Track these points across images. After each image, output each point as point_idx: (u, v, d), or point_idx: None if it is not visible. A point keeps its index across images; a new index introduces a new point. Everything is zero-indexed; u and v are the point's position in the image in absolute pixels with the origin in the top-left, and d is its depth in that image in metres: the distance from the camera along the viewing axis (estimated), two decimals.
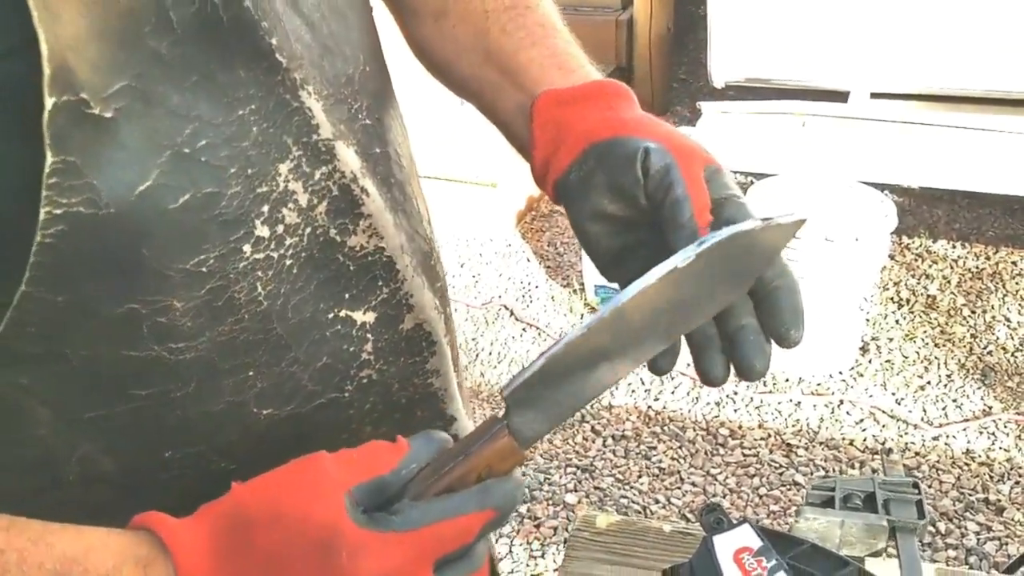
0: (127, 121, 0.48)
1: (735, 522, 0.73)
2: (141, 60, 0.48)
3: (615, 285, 0.57)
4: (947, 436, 2.44)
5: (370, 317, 0.66)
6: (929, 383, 2.64)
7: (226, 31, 0.52)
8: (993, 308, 2.94)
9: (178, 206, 0.51)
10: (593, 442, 2.49)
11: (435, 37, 0.76)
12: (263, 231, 0.56)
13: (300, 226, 0.59)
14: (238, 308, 0.57)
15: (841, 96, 3.13)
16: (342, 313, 0.64)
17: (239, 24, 0.52)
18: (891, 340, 2.81)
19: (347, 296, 0.64)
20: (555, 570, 2.12)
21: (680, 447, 2.45)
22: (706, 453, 2.43)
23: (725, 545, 0.71)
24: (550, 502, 2.31)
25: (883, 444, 2.42)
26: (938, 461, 2.36)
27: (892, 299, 3.01)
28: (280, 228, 0.57)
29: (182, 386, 0.57)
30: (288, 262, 0.59)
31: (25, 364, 0.51)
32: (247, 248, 0.56)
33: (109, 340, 0.53)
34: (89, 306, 0.51)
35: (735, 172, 3.46)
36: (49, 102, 0.45)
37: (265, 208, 0.56)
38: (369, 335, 0.66)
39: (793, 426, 2.50)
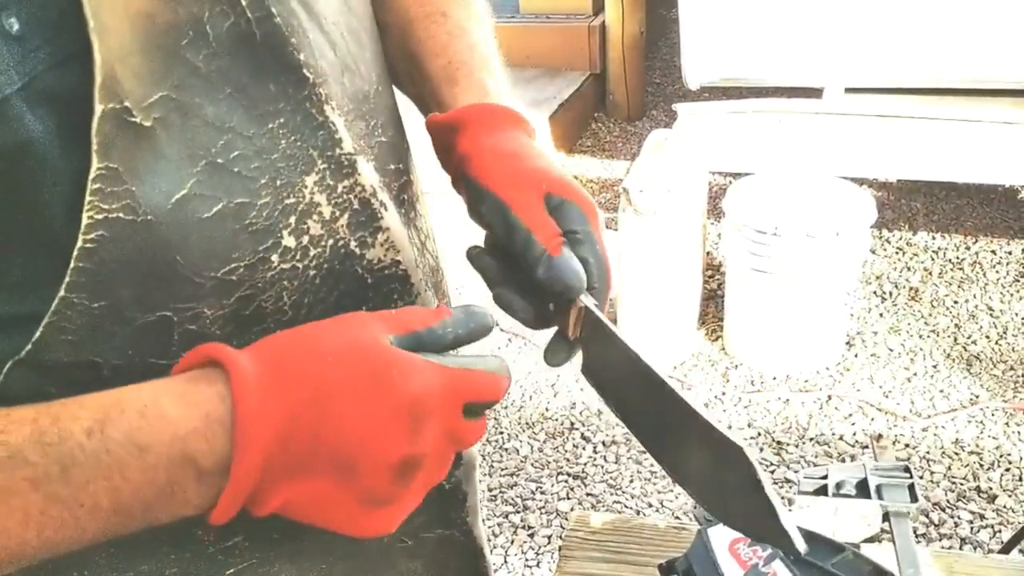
0: (165, 131, 0.50)
1: None
2: (179, 72, 0.50)
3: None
4: (936, 427, 2.45)
5: None
6: (916, 374, 2.64)
7: (258, 46, 0.54)
8: (975, 297, 2.96)
9: (211, 215, 0.53)
10: (584, 449, 2.48)
11: (387, 49, 0.78)
12: (290, 241, 0.58)
13: (324, 237, 0.60)
14: (264, 317, 0.58)
15: (816, 92, 3.14)
16: None
17: (270, 40, 0.55)
18: (876, 333, 2.82)
19: (363, 309, 0.65)
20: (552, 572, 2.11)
21: None
22: None
23: (720, 537, 0.70)
24: (543, 511, 2.30)
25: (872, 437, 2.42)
26: (928, 452, 2.36)
27: (875, 293, 3.02)
28: (305, 239, 0.59)
29: None
30: (312, 273, 0.60)
31: (56, 373, 0.52)
32: (275, 258, 0.58)
33: (140, 348, 0.54)
34: (124, 313, 0.52)
35: (714, 172, 3.48)
36: (98, 109, 0.47)
37: (292, 219, 0.58)
38: None
39: (783, 423, 2.50)
